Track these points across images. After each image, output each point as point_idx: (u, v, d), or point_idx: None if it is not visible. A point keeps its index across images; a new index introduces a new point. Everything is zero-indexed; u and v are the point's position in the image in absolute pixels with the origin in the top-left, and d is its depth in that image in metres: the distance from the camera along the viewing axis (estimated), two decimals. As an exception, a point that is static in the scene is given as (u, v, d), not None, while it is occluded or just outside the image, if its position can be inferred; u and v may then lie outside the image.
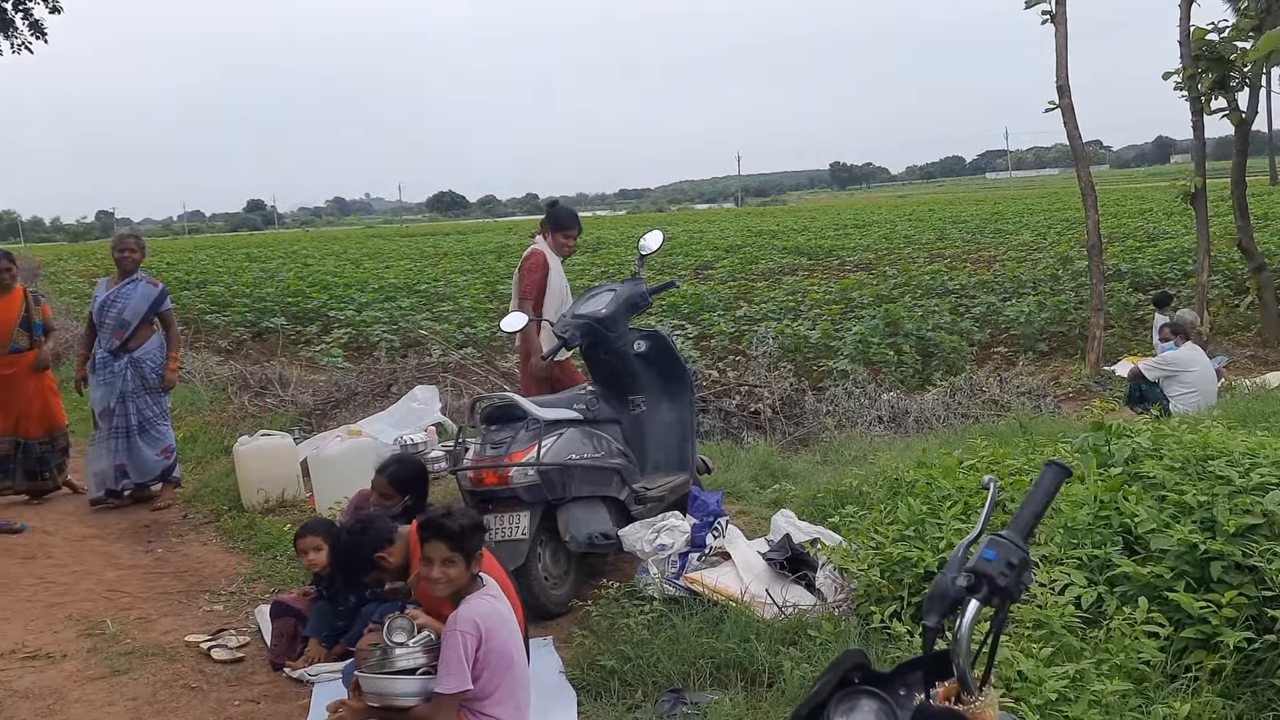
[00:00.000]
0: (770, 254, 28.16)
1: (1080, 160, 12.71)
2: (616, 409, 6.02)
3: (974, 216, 42.40)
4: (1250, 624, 3.74)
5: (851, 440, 8.68)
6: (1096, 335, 12.30)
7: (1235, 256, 15.63)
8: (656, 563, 5.19)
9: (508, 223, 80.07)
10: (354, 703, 3.82)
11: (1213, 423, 5.75)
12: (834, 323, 14.70)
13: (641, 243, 6.58)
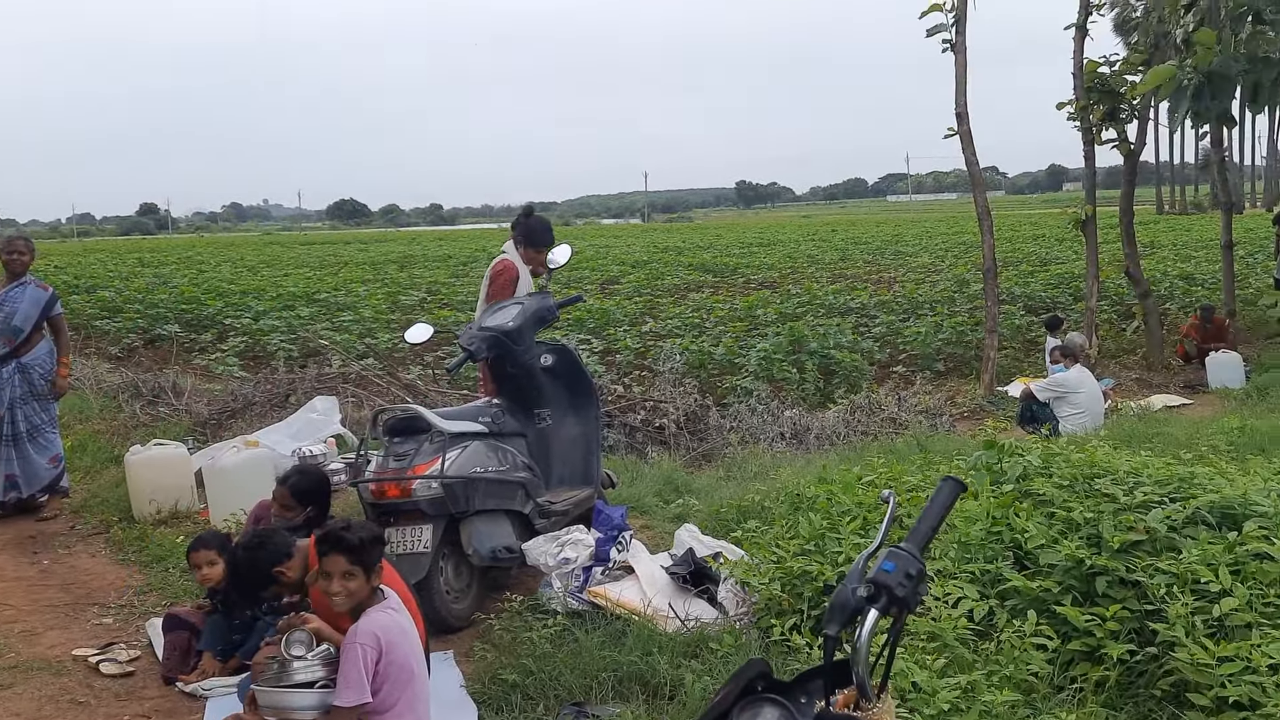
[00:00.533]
0: (676, 270, 28.34)
1: (977, 186, 13.05)
2: (522, 422, 5.99)
3: (875, 238, 43.21)
4: (1133, 637, 3.88)
5: (754, 456, 8.77)
6: (991, 356, 12.63)
7: (1123, 282, 16.16)
8: (560, 576, 5.18)
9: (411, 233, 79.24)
10: (249, 717, 3.76)
11: (1099, 443, 5.94)
12: (738, 340, 14.85)
13: (549, 257, 6.60)
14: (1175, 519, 4.25)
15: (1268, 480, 4.66)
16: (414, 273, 27.85)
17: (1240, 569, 3.87)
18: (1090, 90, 13.39)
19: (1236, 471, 5.05)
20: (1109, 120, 13.56)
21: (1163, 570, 3.94)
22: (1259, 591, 3.75)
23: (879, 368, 14.09)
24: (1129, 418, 9.88)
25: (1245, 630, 3.58)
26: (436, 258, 35.03)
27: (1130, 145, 13.64)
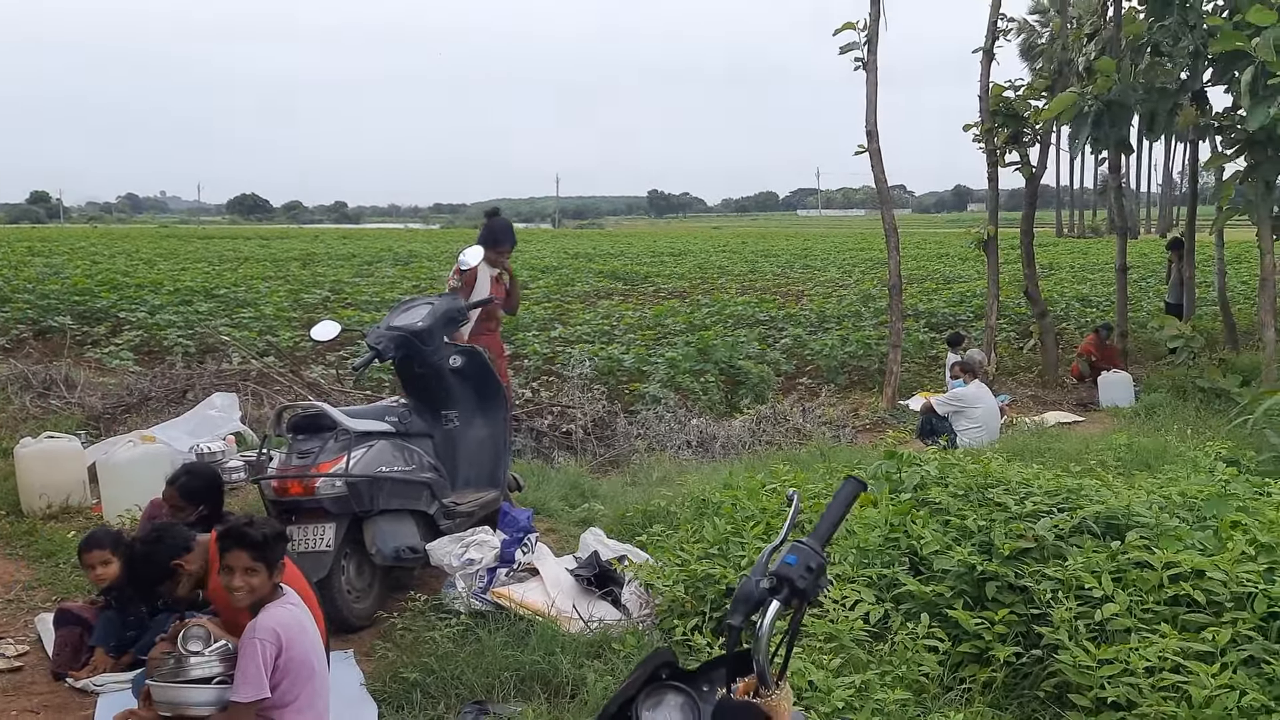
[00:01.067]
0: (586, 277, 28.35)
1: (885, 203, 13.31)
2: (429, 423, 5.98)
3: (785, 251, 43.71)
4: (1019, 640, 4.02)
5: (661, 463, 8.85)
6: (894, 371, 12.87)
7: (1022, 302, 16.59)
8: (464, 577, 5.19)
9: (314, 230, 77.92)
10: (143, 712, 3.70)
11: (993, 455, 6.12)
12: (647, 348, 14.91)
13: (461, 258, 6.60)
14: (1062, 528, 4.41)
15: (1150, 493, 4.85)
16: (317, 271, 27.40)
17: (1122, 576, 4.04)
18: (995, 114, 13.74)
19: (1122, 485, 5.24)
20: (1012, 143, 13.92)
21: (1049, 576, 4.09)
22: (1138, 598, 3.92)
23: (785, 379, 14.27)
24: (1023, 432, 10.16)
25: (1125, 634, 3.74)
26: (340, 256, 34.54)
27: (1032, 168, 14.00)
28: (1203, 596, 3.84)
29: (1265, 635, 3.66)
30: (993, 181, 14.22)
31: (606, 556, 5.39)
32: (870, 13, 12.66)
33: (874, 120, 12.80)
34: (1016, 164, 13.92)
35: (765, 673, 1.89)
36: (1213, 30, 10.73)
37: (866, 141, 12.90)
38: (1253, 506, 4.70)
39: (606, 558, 5.36)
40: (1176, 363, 12.86)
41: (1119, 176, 15.65)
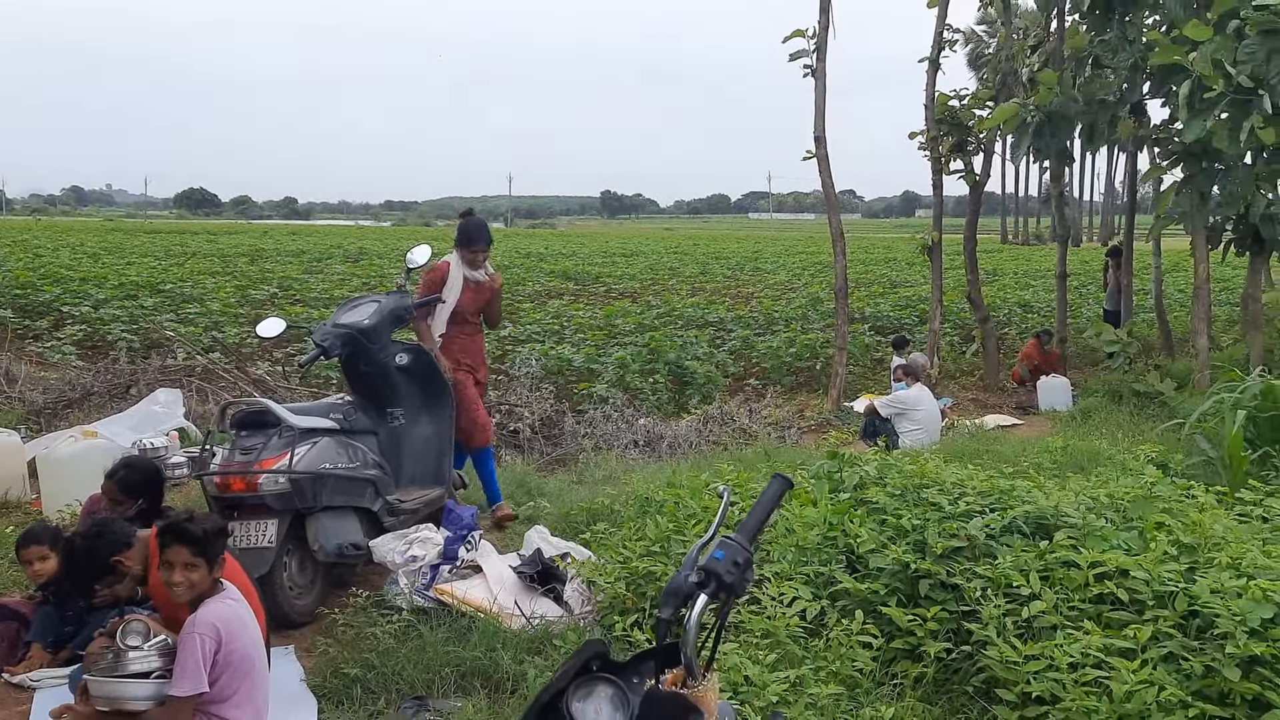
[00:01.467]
0: (538, 276, 28.35)
1: (832, 208, 13.47)
2: (374, 420, 6.01)
3: (736, 254, 43.94)
4: (950, 636, 4.12)
5: (607, 462, 8.91)
6: (839, 373, 13.02)
7: (966, 307, 16.84)
8: (407, 574, 5.21)
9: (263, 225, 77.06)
10: (81, 707, 3.70)
11: (930, 456, 6.24)
12: (597, 348, 14.98)
13: (409, 256, 6.61)
14: (994, 527, 4.53)
15: (1079, 494, 4.98)
16: (265, 267, 27.14)
17: (1049, 575, 4.15)
18: (940, 122, 13.94)
19: (1054, 486, 5.37)
20: (957, 151, 14.13)
21: (979, 575, 4.20)
22: (1065, 596, 4.03)
23: (733, 380, 14.39)
24: (963, 435, 10.33)
25: (1051, 631, 3.85)
26: (289, 253, 34.24)
27: (976, 176, 14.22)
28: (1126, 595, 3.96)
29: (1184, 633, 3.78)
30: (937, 189, 14.42)
31: (550, 554, 5.43)
32: (819, 21, 12.82)
33: (822, 126, 12.95)
34: (961, 172, 14.13)
35: (692, 664, 1.95)
36: (1151, 45, 10.97)
37: (815, 147, 13.05)
38: (1177, 508, 4.84)
39: (550, 555, 5.40)
40: (1112, 368, 13.12)
41: (1060, 185, 15.94)
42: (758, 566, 4.61)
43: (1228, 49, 10.12)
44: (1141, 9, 11.85)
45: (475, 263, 6.81)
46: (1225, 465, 7.53)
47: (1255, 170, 11.07)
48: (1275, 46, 9.80)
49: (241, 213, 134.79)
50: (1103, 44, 11.99)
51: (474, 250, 6.79)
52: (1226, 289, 23.24)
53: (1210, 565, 4.11)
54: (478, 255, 6.81)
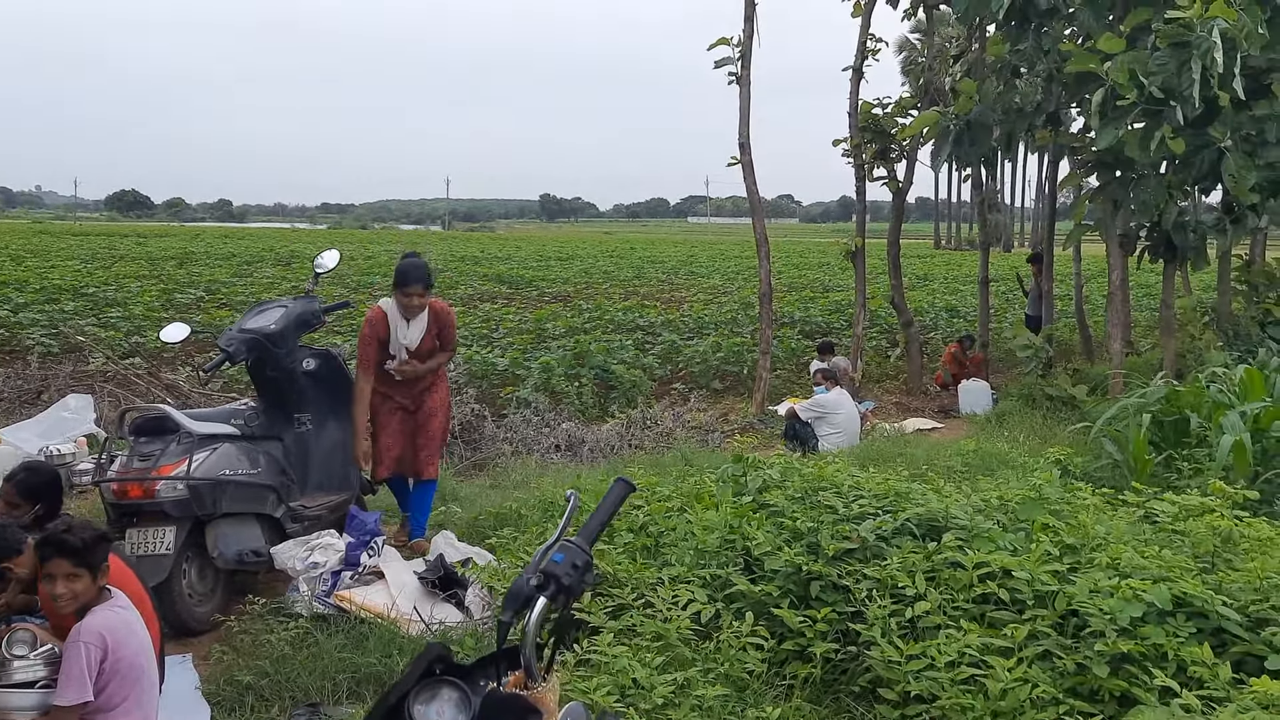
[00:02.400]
0: (471, 280, 28.27)
1: (756, 213, 13.58)
2: (280, 426, 5.98)
3: (672, 258, 44.13)
4: (839, 637, 4.19)
5: (526, 466, 8.92)
6: (763, 376, 13.12)
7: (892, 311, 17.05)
8: (307, 580, 5.19)
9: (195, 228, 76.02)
10: (-37, 718, 3.65)
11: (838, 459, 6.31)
12: (524, 352, 14.97)
13: (317, 260, 6.59)
14: (885, 529, 4.61)
15: (969, 496, 5.09)
16: (194, 270, 26.81)
17: (935, 575, 4.23)
18: (864, 130, 14.11)
19: (953, 489, 5.48)
20: (880, 159, 14.31)
21: (868, 576, 4.27)
22: (949, 596, 4.12)
23: (659, 384, 14.44)
24: (882, 438, 10.46)
25: (934, 631, 3.93)
26: (220, 256, 33.85)
27: (899, 183, 14.40)
28: (1008, 595, 4.05)
29: (1062, 632, 3.88)
30: (860, 195, 14.60)
31: (454, 559, 5.44)
32: (744, 29, 12.92)
33: (746, 133, 13.05)
34: (884, 178, 14.31)
35: (531, 666, 1.99)
36: (1066, 55, 11.19)
37: (739, 153, 13.15)
38: (1066, 510, 4.96)
39: (454, 560, 5.41)
40: (1025, 372, 13.36)
41: (980, 193, 16.22)
42: (656, 570, 4.65)
43: (1140, 60, 10.35)
44: (1057, 20, 12.09)
45: (410, 307, 6.32)
46: (1130, 468, 7.70)
47: (1166, 179, 11.33)
48: (1185, 59, 10.02)
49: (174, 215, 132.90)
50: (1019, 54, 12.20)
51: (408, 293, 6.28)
52: (1149, 294, 23.75)
53: (1090, 565, 4.22)
54: (412, 298, 6.30)
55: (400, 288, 6.30)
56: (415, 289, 6.30)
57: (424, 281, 6.35)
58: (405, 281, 6.29)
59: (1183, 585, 3.85)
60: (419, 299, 6.33)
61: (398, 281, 6.32)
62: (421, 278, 6.34)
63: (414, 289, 6.29)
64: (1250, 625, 3.77)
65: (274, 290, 21.03)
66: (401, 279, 6.30)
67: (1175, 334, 12.23)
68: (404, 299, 6.30)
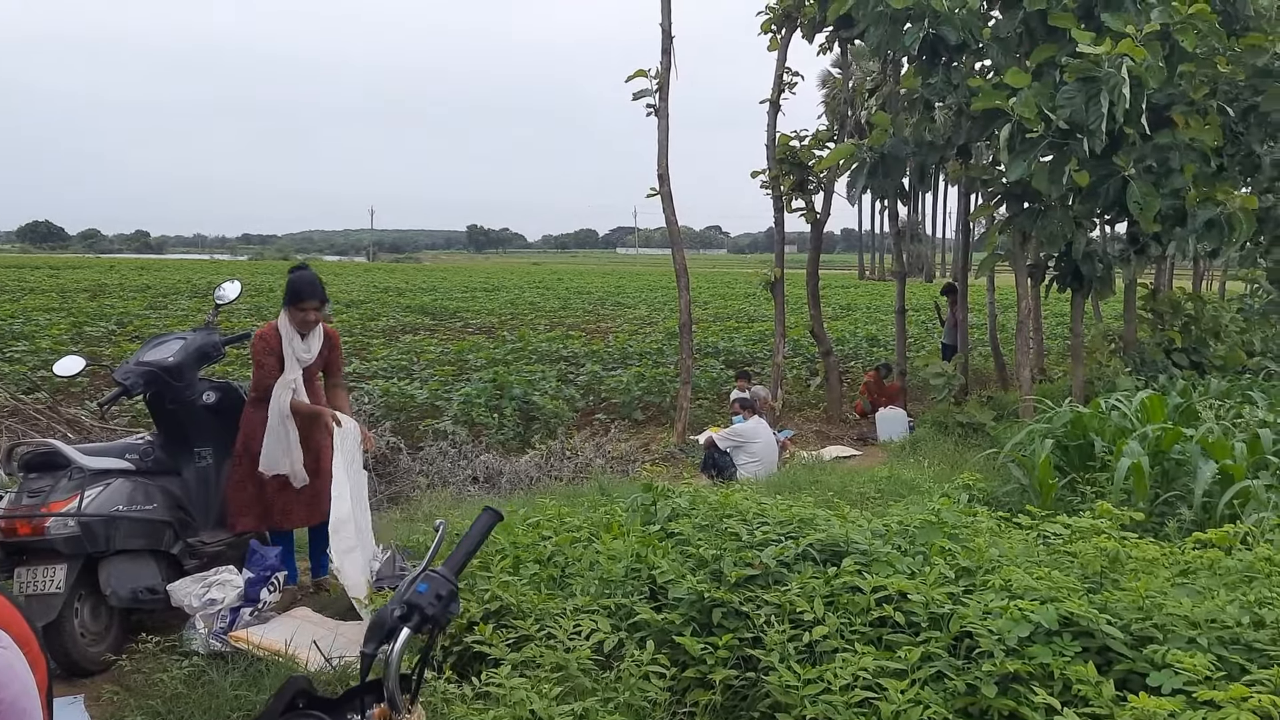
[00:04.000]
0: (394, 312, 28.06)
1: (676, 244, 13.66)
2: (179, 460, 5.86)
3: (599, 288, 44.23)
4: (740, 663, 4.20)
5: (441, 499, 8.84)
6: (684, 406, 13.18)
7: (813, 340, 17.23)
8: (205, 618, 5.09)
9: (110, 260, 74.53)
10: None
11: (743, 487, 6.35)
12: (444, 383, 14.88)
13: (218, 292, 6.49)
14: (787, 555, 4.64)
15: (870, 522, 5.14)
16: (106, 303, 26.27)
17: (834, 600, 4.27)
18: (782, 162, 14.30)
19: (857, 514, 5.53)
20: (798, 190, 14.50)
21: (768, 602, 4.29)
22: (847, 620, 4.15)
23: (581, 415, 14.44)
24: (799, 466, 10.54)
25: (832, 655, 3.96)
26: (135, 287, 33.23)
27: (816, 214, 14.60)
28: (904, 618, 4.10)
29: (954, 653, 3.92)
30: (778, 226, 14.77)
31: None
32: (661, 62, 13.05)
33: (666, 164, 13.15)
34: (802, 209, 14.48)
35: (395, 698, 1.97)
36: (974, 90, 11.45)
37: (658, 184, 13.24)
38: (963, 534, 5.04)
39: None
40: (939, 399, 13.57)
41: (897, 224, 16.49)
42: (561, 600, 4.63)
43: (1046, 95, 10.63)
44: (967, 55, 12.37)
45: (306, 322, 6.00)
46: (1035, 492, 7.85)
47: (1073, 210, 11.62)
48: (1094, 92, 10.31)
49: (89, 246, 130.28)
50: (931, 88, 12.46)
51: (303, 308, 5.95)
52: (1064, 322, 24.29)
53: (984, 587, 4.29)
54: (308, 313, 5.98)
55: (294, 304, 5.97)
56: (311, 304, 5.98)
57: (319, 296, 6.03)
58: (300, 297, 5.97)
59: (1069, 605, 3.92)
60: (314, 314, 6.02)
61: (291, 297, 5.98)
62: (317, 292, 6.02)
63: (309, 304, 5.98)
64: (1134, 643, 3.85)
65: (190, 322, 20.67)
66: (295, 294, 5.97)
67: (1084, 361, 12.51)
68: (299, 314, 5.97)
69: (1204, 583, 4.26)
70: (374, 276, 50.75)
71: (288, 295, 6.01)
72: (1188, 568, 4.51)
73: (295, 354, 5.96)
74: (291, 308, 5.98)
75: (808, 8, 13.98)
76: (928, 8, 11.18)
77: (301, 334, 6.02)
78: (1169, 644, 3.73)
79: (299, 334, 6.00)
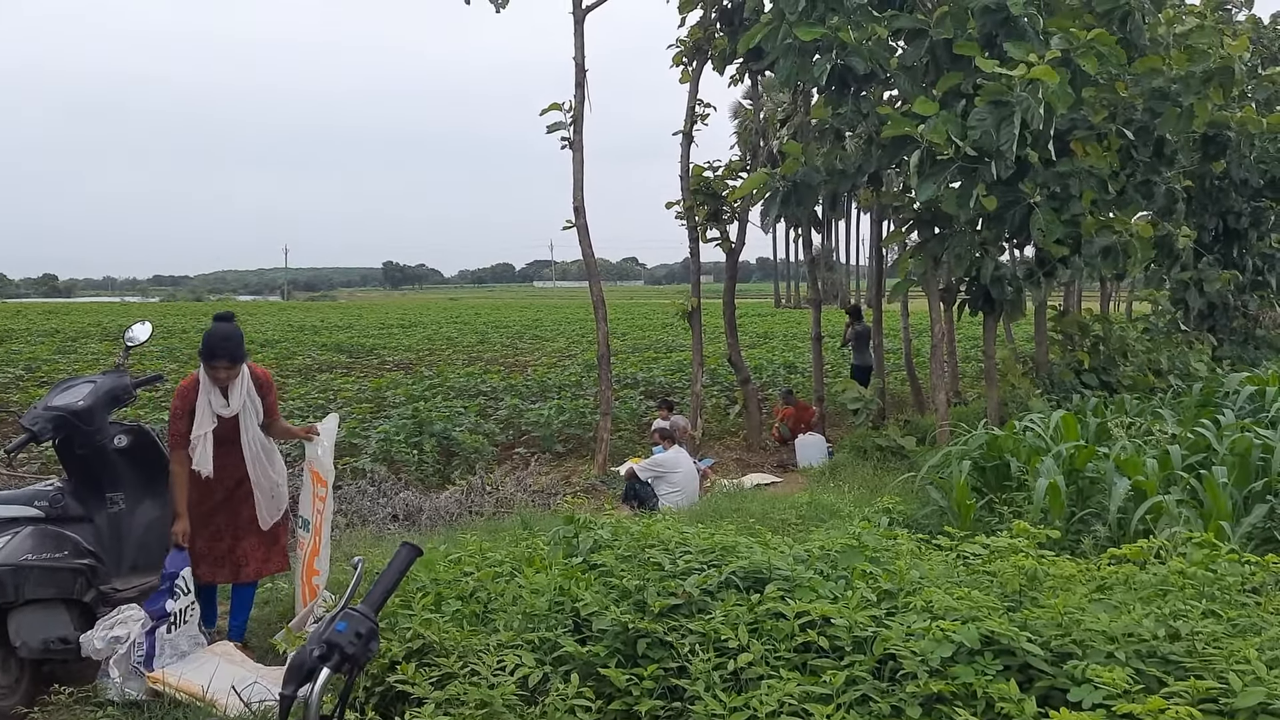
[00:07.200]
0: (309, 350, 27.70)
1: (592, 276, 13.70)
2: (90, 505, 5.71)
3: (517, 322, 44.12)
4: (666, 694, 4.19)
5: (359, 538, 8.72)
6: (604, 438, 13.18)
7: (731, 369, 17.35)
8: (118, 662, 4.95)
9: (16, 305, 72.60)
10: None
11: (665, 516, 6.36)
12: (362, 421, 14.71)
13: (128, 334, 6.37)
14: (710, 583, 4.65)
15: (792, 548, 5.18)
16: (12, 348, 25.56)
17: (758, 626, 4.28)
18: (696, 192, 14.45)
19: (779, 541, 5.57)
20: (713, 220, 14.65)
21: (693, 631, 4.29)
22: (772, 646, 4.17)
23: (501, 449, 14.36)
24: (721, 495, 10.59)
25: (758, 682, 3.97)
26: (43, 332, 32.38)
27: (731, 244, 14.75)
28: (828, 642, 4.13)
29: (879, 676, 3.96)
30: (694, 256, 14.90)
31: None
32: (575, 95, 13.13)
33: (580, 197, 13.21)
34: (717, 239, 14.63)
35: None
36: (884, 118, 11.69)
37: (574, 217, 13.29)
38: (885, 556, 5.10)
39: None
40: (856, 424, 13.75)
41: (811, 252, 16.73)
42: (484, 636, 4.58)
43: (954, 122, 10.87)
44: (875, 85, 12.62)
45: (219, 380, 5.76)
46: (954, 513, 7.97)
47: (981, 234, 11.88)
48: (1005, 115, 10.55)
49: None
50: (840, 117, 12.68)
51: (214, 367, 5.73)
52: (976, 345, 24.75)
53: (906, 609, 4.34)
54: (219, 372, 5.73)
55: (206, 361, 5.76)
56: (220, 363, 5.74)
57: (229, 355, 5.75)
58: (211, 355, 5.74)
59: (990, 624, 3.98)
60: (226, 372, 5.77)
61: (203, 353, 5.78)
62: (227, 350, 5.74)
63: (219, 364, 5.74)
64: (1054, 660, 3.92)
65: (99, 366, 20.19)
66: (206, 352, 5.75)
67: (997, 383, 12.76)
68: (212, 373, 5.76)
69: (1120, 598, 4.35)
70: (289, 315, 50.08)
71: (200, 352, 5.82)
72: (1104, 583, 4.61)
73: (212, 408, 5.76)
74: (206, 365, 5.78)
75: (718, 40, 14.18)
76: (836, 39, 11.38)
77: (222, 388, 5.83)
78: (1088, 659, 3.80)
79: (217, 388, 5.82)
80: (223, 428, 5.85)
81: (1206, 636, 3.87)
